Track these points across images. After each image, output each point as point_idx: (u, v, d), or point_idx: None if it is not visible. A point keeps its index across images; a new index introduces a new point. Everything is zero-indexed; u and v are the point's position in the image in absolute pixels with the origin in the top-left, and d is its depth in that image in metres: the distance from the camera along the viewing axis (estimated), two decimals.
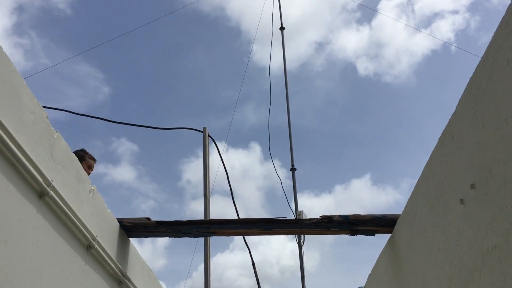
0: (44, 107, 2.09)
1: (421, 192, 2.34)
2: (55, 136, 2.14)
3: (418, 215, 2.43)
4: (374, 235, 3.04)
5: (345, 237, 3.06)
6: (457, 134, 1.88)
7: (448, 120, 1.96)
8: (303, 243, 7.00)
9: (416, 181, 2.42)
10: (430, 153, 2.19)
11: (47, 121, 2.07)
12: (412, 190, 2.48)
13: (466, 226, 1.85)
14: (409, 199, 2.56)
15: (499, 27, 1.51)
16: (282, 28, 9.04)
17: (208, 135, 5.13)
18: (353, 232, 3.01)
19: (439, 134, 2.06)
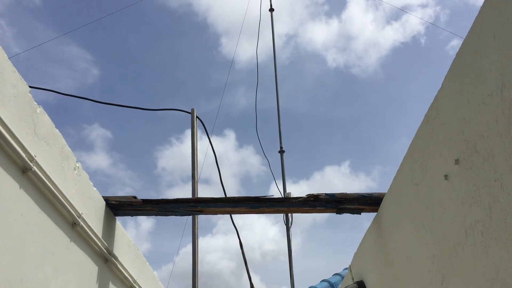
0: (30, 87, 2.05)
1: (407, 170, 2.35)
2: (38, 111, 2.10)
3: (403, 193, 2.45)
4: (360, 214, 3.06)
5: (328, 219, 3.08)
6: (443, 110, 1.88)
7: (433, 98, 1.97)
8: (291, 224, 7.07)
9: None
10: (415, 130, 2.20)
11: (30, 96, 2.03)
12: (398, 168, 2.50)
13: (450, 202, 1.86)
14: (394, 177, 2.57)
15: (486, 1, 1.50)
16: (271, 10, 8.98)
17: (197, 117, 5.10)
18: (340, 211, 3.03)
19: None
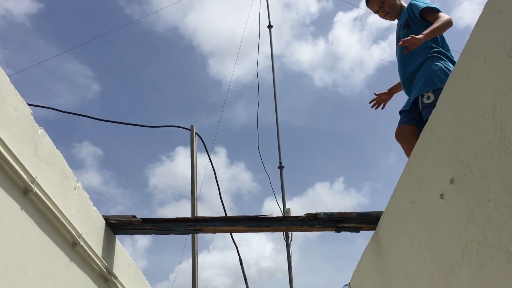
0: (29, 104, 2.08)
1: (403, 188, 2.37)
2: (39, 133, 2.13)
3: (400, 211, 2.47)
4: (358, 232, 3.08)
5: (322, 234, 3.09)
6: (437, 130, 1.92)
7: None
8: (291, 240, 7.06)
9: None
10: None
11: (31, 118, 2.07)
12: (395, 186, 2.52)
13: (446, 221, 1.88)
14: (391, 195, 2.59)
15: (477, 25, 1.54)
16: (270, 26, 9.09)
17: (196, 133, 5.13)
18: (338, 229, 3.04)
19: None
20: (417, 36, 3.09)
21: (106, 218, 3.00)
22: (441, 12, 3.25)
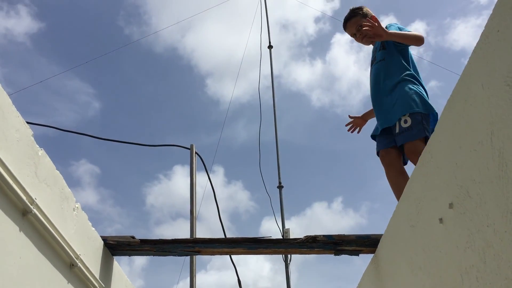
0: (29, 123, 2.10)
1: (403, 211, 2.37)
2: (39, 154, 2.14)
3: (399, 234, 2.46)
4: (358, 255, 3.07)
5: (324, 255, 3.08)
6: (436, 154, 1.93)
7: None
8: (290, 261, 7.01)
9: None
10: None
11: (32, 139, 2.08)
12: (392, 207, 2.52)
13: (446, 245, 1.88)
14: (391, 218, 2.59)
15: (474, 51, 1.56)
16: (270, 47, 9.17)
17: (196, 153, 5.13)
18: (338, 252, 3.03)
19: None
20: (384, 28, 3.19)
21: (104, 238, 2.98)
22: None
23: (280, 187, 7.72)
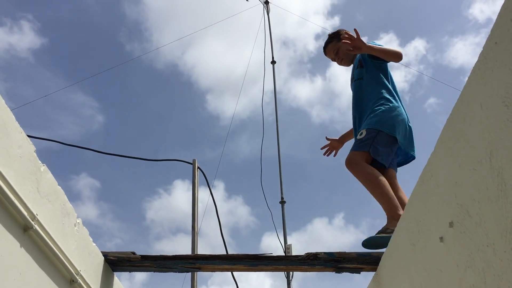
0: (31, 136, 2.11)
1: (404, 229, 2.37)
2: (41, 170, 2.16)
3: (401, 252, 2.46)
4: (359, 273, 3.05)
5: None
6: (436, 173, 1.93)
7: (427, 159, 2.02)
8: (292, 277, 6.96)
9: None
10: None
11: (34, 155, 2.09)
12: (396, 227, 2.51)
13: (446, 264, 1.87)
14: (392, 236, 2.58)
15: (472, 71, 1.58)
16: (273, 62, 9.24)
17: (198, 167, 5.14)
18: (339, 270, 3.02)
19: None
20: (364, 41, 3.28)
21: (105, 254, 2.98)
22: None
23: (282, 202, 7.71)
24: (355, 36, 3.25)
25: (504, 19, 1.39)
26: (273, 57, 9.31)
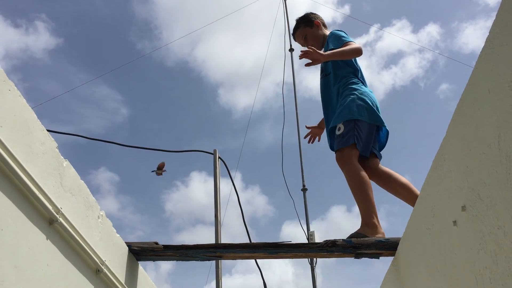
0: (48, 130, 2.18)
1: (419, 214, 2.39)
2: (64, 165, 2.24)
3: (417, 237, 2.48)
4: (378, 258, 3.08)
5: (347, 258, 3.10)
6: (448, 158, 1.94)
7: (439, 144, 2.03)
8: (316, 264, 7.01)
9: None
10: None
11: (56, 151, 2.18)
12: (411, 212, 2.53)
13: (460, 248, 1.89)
14: (408, 221, 2.60)
15: (480, 56, 1.58)
16: (291, 50, 9.21)
17: (219, 157, 5.19)
18: (358, 256, 3.05)
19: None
20: (321, 52, 3.25)
21: (129, 245, 3.07)
22: (353, 42, 3.44)
23: (304, 189, 7.73)
24: (311, 50, 3.24)
25: (509, 4, 1.39)
26: (291, 45, 9.29)
